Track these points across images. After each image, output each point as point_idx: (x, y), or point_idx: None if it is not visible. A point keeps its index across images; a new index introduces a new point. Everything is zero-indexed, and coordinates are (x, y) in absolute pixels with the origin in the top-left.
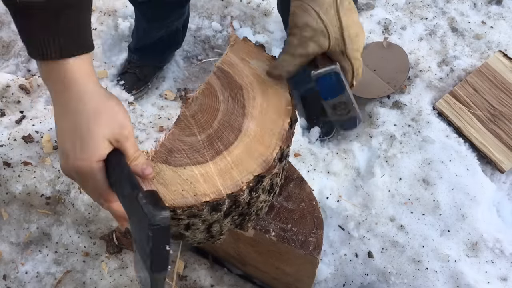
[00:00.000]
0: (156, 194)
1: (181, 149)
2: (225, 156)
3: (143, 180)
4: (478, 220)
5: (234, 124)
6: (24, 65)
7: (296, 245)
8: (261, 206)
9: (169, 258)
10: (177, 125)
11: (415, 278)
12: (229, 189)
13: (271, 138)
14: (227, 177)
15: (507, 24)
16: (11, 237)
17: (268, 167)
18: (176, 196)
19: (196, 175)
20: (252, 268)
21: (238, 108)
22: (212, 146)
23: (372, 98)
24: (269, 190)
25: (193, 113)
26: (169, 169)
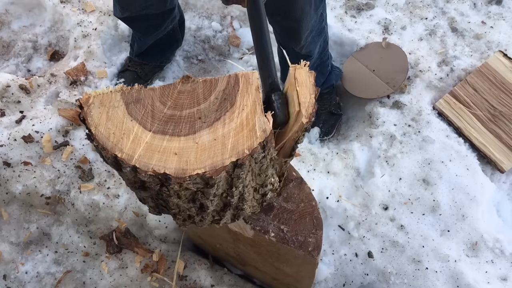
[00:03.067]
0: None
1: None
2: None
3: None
4: (478, 220)
5: (205, 120)
6: (24, 65)
7: (295, 245)
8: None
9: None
10: (162, 89)
11: (415, 278)
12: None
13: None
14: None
15: (507, 24)
16: (11, 237)
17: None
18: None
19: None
20: (252, 269)
21: (215, 114)
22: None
23: (371, 98)
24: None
25: (181, 91)
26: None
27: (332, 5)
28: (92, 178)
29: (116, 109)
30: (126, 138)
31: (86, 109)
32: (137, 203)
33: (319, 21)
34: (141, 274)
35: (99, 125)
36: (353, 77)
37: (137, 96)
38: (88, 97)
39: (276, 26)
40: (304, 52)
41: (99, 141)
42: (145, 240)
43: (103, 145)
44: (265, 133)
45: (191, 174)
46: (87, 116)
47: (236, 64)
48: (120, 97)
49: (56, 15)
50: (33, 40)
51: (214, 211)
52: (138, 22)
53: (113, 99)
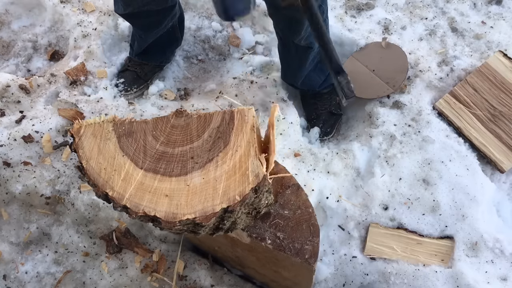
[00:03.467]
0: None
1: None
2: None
3: None
4: (478, 220)
5: (198, 160)
6: (24, 65)
7: (292, 253)
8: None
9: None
10: (155, 122)
11: (415, 278)
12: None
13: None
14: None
15: (507, 24)
16: (11, 237)
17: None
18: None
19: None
20: (251, 271)
21: (208, 154)
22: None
23: (371, 98)
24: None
25: (175, 125)
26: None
27: (332, 5)
28: None
29: (108, 142)
30: (117, 175)
31: (77, 140)
32: None
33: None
34: (141, 274)
35: (90, 159)
36: (353, 77)
37: (129, 128)
38: (80, 126)
39: (278, 19)
40: (304, 44)
41: (90, 176)
42: (145, 240)
43: (94, 181)
44: (258, 178)
45: (181, 219)
46: (79, 148)
47: (233, 100)
48: (112, 129)
49: (56, 15)
50: (33, 40)
51: (206, 233)
52: (139, 18)
53: (105, 130)
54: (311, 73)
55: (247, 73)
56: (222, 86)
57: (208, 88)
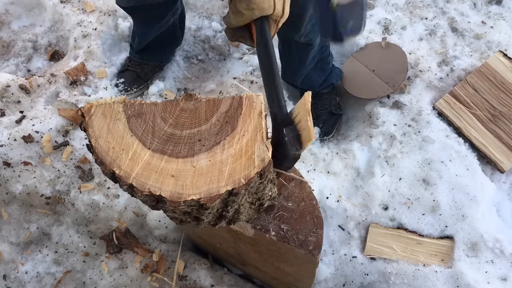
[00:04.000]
0: None
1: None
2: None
3: None
4: (478, 220)
5: (205, 143)
6: (24, 65)
7: (296, 244)
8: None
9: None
10: (164, 105)
11: (415, 278)
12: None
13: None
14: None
15: (507, 24)
16: (11, 237)
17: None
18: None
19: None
20: (252, 268)
21: (215, 137)
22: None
23: (371, 98)
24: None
25: (184, 109)
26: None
27: None
28: (92, 178)
29: (117, 122)
30: (125, 154)
31: (87, 119)
32: (137, 203)
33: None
34: (141, 274)
35: (99, 137)
36: (353, 77)
37: (139, 110)
38: (90, 106)
39: None
40: (304, 41)
41: (98, 154)
42: (145, 240)
43: (102, 159)
44: (263, 162)
45: (186, 199)
46: (89, 126)
47: (242, 86)
48: (122, 109)
49: (56, 15)
50: (33, 40)
51: (209, 221)
52: (141, 12)
53: (115, 111)
54: (311, 72)
55: (247, 73)
56: (222, 86)
57: (208, 88)
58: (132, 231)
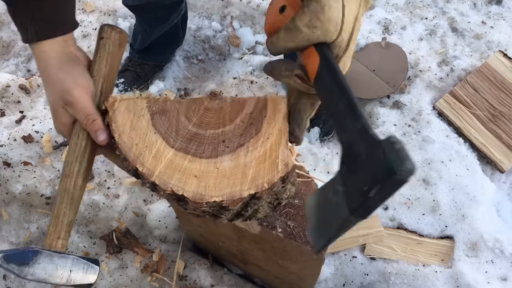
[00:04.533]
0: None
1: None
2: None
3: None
4: (478, 220)
5: (229, 144)
6: (24, 65)
7: (302, 241)
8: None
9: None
10: (189, 103)
11: (415, 278)
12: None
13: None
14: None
15: (507, 24)
16: (11, 237)
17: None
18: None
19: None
20: (254, 267)
21: (239, 139)
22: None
23: (371, 98)
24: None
25: (208, 108)
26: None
27: None
28: (92, 178)
29: (141, 118)
30: (148, 151)
31: (111, 114)
32: (137, 203)
33: None
34: (141, 274)
35: (122, 133)
36: (353, 78)
37: (163, 107)
38: (114, 100)
39: None
40: None
41: (121, 150)
42: (145, 240)
43: (125, 155)
44: (287, 167)
45: (208, 201)
46: (112, 121)
47: (268, 89)
48: (145, 106)
49: None
50: None
51: (227, 219)
52: (147, 11)
53: (138, 107)
54: None
55: (247, 73)
56: (222, 86)
57: (208, 88)
58: (132, 231)
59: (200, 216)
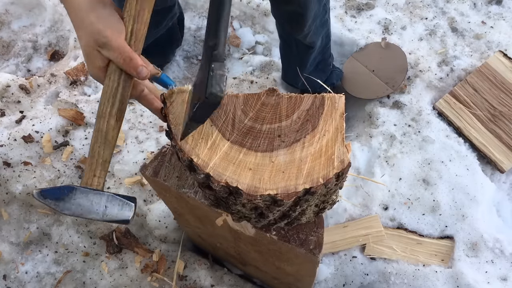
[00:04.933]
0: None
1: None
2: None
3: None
4: (478, 220)
5: (284, 139)
6: (24, 65)
7: (296, 244)
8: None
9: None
10: (246, 98)
11: (415, 278)
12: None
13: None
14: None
15: (507, 24)
16: (11, 237)
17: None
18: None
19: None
20: (253, 268)
21: (295, 135)
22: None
23: (371, 98)
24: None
25: (265, 103)
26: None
27: (332, 5)
28: None
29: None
30: (204, 143)
31: (169, 105)
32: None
33: (322, 12)
34: (141, 274)
35: (179, 124)
36: (353, 78)
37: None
38: (172, 92)
39: (281, 15)
40: (307, 42)
41: (177, 141)
42: (145, 240)
43: (181, 146)
44: (343, 164)
45: (263, 194)
46: (170, 113)
47: (323, 84)
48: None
49: (56, 15)
50: (33, 40)
51: (274, 219)
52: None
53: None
54: (312, 73)
55: (247, 73)
56: None
57: None
58: (132, 231)
59: (245, 217)
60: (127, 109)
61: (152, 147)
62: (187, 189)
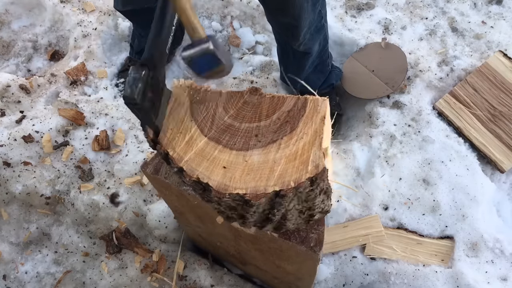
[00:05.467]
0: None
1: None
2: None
3: None
4: (478, 220)
5: (261, 139)
6: (24, 65)
7: (297, 241)
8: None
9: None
10: (229, 96)
11: (415, 278)
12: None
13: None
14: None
15: (507, 24)
16: (11, 237)
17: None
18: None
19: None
20: (253, 267)
21: (272, 135)
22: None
23: (370, 98)
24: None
25: (247, 102)
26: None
27: (332, 5)
28: (92, 178)
29: (180, 106)
30: (182, 137)
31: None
32: (137, 203)
33: (318, 18)
34: (141, 274)
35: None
36: (353, 78)
37: (203, 96)
38: None
39: (276, 24)
40: (303, 49)
41: (149, 135)
42: (145, 240)
43: (159, 139)
44: (317, 169)
45: (231, 192)
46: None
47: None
48: (186, 93)
49: (56, 15)
50: (33, 40)
51: (255, 221)
52: (139, 15)
53: (180, 95)
54: (310, 75)
55: (247, 73)
56: (222, 86)
57: None
58: (132, 231)
59: (229, 217)
60: (127, 108)
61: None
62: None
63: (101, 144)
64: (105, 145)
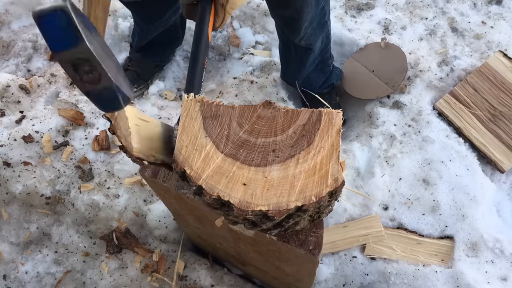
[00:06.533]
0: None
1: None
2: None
3: None
4: (478, 220)
5: (279, 154)
6: (24, 65)
7: (296, 244)
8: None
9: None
10: (242, 110)
11: (415, 278)
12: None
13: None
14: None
15: (507, 24)
16: (11, 237)
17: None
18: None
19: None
20: (252, 268)
21: (290, 150)
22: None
23: (370, 98)
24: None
25: (261, 116)
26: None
27: (332, 5)
28: (92, 178)
29: (193, 121)
30: (197, 154)
31: (114, 122)
32: (137, 203)
33: (320, 14)
34: (141, 274)
35: (127, 136)
36: (353, 78)
37: (215, 111)
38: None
39: (278, 18)
40: (304, 44)
41: (131, 153)
42: (145, 240)
43: (174, 157)
44: (336, 182)
45: (254, 209)
46: (117, 129)
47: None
48: (199, 109)
49: None
50: (33, 40)
51: (268, 229)
52: (141, 8)
53: (192, 109)
54: (311, 74)
55: (247, 73)
56: (222, 86)
57: (208, 88)
58: (132, 231)
59: (238, 223)
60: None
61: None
62: (186, 190)
63: (101, 144)
64: (105, 145)
